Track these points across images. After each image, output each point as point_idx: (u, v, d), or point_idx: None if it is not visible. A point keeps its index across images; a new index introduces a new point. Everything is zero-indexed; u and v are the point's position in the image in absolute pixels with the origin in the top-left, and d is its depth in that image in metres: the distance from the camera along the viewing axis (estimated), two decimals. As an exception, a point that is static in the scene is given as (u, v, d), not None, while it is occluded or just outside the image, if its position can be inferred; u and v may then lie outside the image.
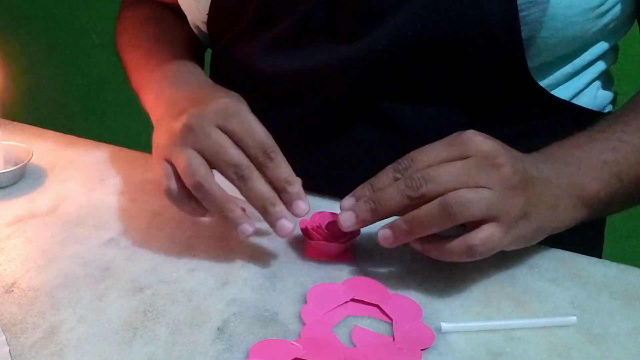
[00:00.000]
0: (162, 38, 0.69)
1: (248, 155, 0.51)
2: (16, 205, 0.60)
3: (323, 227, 0.54)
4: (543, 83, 0.58)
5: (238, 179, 0.50)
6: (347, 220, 0.50)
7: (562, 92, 0.60)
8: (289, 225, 0.50)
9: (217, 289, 0.51)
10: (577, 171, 0.52)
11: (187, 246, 0.56)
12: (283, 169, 0.51)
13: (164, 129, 0.54)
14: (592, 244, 0.71)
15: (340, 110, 0.61)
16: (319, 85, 0.61)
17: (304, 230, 0.55)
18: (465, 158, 0.48)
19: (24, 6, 1.70)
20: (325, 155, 0.63)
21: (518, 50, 0.54)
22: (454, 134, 0.50)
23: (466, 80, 0.58)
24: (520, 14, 0.53)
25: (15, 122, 0.74)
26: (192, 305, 0.49)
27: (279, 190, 0.51)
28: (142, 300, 0.49)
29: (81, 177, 0.65)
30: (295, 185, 0.51)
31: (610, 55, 0.64)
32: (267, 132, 0.51)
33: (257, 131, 0.51)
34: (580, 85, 0.61)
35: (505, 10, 0.53)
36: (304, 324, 0.47)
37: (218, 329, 0.47)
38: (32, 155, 0.64)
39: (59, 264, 0.53)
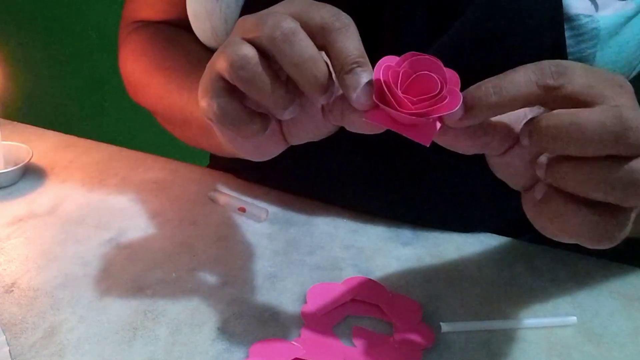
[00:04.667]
0: (196, 62, 0.62)
1: (312, 29, 0.37)
2: (16, 205, 0.60)
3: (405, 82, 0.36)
4: None
5: (280, 41, 0.36)
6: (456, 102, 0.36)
7: None
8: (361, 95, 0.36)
9: (217, 289, 0.51)
10: None
11: (187, 246, 0.56)
12: (355, 43, 0.36)
13: None
14: None
15: None
16: None
17: (378, 83, 0.37)
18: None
19: (24, 6, 1.70)
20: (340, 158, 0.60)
21: None
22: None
23: None
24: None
25: (15, 122, 0.74)
26: (192, 305, 0.49)
27: (343, 73, 0.36)
28: (142, 300, 0.49)
29: (81, 177, 0.65)
30: (366, 68, 0.36)
31: None
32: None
33: (324, 5, 0.38)
34: None
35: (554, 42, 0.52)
36: (304, 324, 0.47)
37: (218, 329, 0.47)
38: (32, 155, 0.64)
39: (59, 264, 0.53)
